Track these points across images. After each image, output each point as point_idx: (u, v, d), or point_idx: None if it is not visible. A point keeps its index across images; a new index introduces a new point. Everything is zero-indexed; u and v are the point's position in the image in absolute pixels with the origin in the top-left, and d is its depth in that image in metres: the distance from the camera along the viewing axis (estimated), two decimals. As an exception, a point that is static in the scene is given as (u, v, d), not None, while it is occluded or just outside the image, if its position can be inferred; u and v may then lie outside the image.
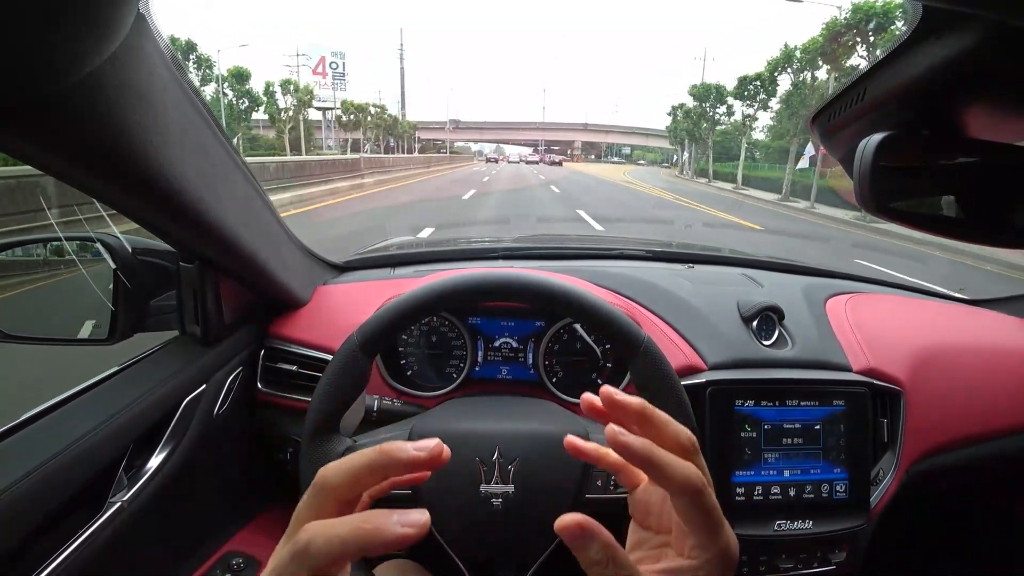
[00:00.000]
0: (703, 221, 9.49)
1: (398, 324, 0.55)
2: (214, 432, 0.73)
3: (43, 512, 0.51)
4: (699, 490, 0.28)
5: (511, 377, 0.87)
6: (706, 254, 1.22)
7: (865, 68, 0.39)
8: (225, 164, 0.60)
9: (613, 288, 0.91)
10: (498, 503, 0.53)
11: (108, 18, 0.33)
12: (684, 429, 0.30)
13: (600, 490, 0.54)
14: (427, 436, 0.56)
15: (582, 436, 0.56)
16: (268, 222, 0.74)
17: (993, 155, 0.41)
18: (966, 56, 0.31)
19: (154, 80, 0.44)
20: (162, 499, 0.64)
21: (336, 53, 37.96)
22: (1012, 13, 0.25)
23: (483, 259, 1.12)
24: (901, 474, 0.81)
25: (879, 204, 0.41)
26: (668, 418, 0.31)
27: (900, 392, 0.82)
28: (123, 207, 0.52)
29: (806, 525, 0.75)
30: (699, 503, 0.28)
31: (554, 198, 13.17)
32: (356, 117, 36.13)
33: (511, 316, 0.87)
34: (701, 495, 0.28)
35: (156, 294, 0.74)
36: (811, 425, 0.77)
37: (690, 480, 0.28)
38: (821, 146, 0.49)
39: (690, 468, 0.28)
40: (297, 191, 11.27)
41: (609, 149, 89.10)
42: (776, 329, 0.86)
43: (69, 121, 0.38)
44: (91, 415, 0.59)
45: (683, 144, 33.66)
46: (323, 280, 0.97)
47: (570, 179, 24.27)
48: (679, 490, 0.28)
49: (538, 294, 0.55)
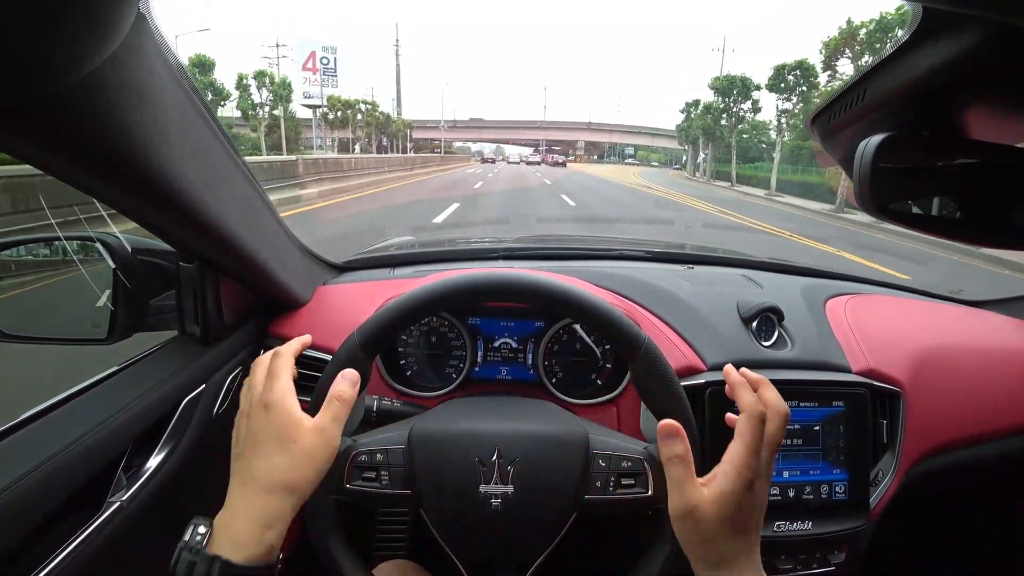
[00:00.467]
0: (786, 247, 7.39)
1: (398, 324, 0.55)
2: (214, 432, 0.73)
3: (42, 512, 0.51)
4: (757, 415, 0.46)
5: (511, 377, 0.87)
6: (706, 255, 1.22)
7: (865, 69, 0.39)
8: (225, 164, 0.60)
9: (613, 289, 0.91)
10: (497, 503, 0.53)
11: (108, 18, 0.33)
12: (775, 399, 0.48)
13: (599, 491, 0.54)
14: (426, 436, 0.57)
15: (581, 436, 0.56)
16: (268, 222, 0.74)
17: (993, 156, 0.41)
18: (966, 57, 0.31)
19: (154, 80, 0.44)
20: (161, 499, 0.64)
21: (327, 48, 36.41)
22: (1012, 13, 0.25)
23: (483, 259, 1.12)
24: (901, 475, 0.81)
25: (879, 205, 0.41)
26: (768, 386, 0.50)
27: (900, 393, 0.82)
28: (123, 207, 0.52)
29: (805, 526, 0.75)
30: (753, 425, 0.45)
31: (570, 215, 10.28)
32: (344, 114, 34.38)
33: (511, 316, 0.87)
34: (756, 420, 0.45)
35: (156, 294, 0.74)
36: (811, 426, 0.77)
37: (754, 407, 0.47)
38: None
39: (757, 402, 0.47)
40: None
41: (612, 149, 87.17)
42: (776, 330, 0.86)
43: (69, 121, 0.38)
44: (90, 415, 0.59)
45: (696, 144, 31.23)
46: (323, 280, 0.97)
47: (580, 183, 21.27)
48: (746, 408, 0.47)
49: (539, 295, 0.55)
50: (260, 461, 0.42)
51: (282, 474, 0.42)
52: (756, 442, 0.44)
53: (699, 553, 0.44)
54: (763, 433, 0.45)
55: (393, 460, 0.54)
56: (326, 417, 0.44)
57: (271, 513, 0.41)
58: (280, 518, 0.41)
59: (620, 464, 0.54)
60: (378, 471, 0.53)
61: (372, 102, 39.30)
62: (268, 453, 0.42)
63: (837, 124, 0.45)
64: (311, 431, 0.43)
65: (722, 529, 0.43)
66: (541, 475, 0.54)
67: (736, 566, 0.43)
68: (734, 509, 0.43)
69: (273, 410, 0.43)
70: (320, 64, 36.25)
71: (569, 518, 0.55)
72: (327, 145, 36.51)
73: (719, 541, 0.43)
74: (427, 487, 0.53)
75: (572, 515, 0.55)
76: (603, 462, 0.55)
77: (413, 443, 0.54)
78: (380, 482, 0.53)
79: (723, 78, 24.28)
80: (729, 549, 0.43)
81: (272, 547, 0.40)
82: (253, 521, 0.40)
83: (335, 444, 0.45)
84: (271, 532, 0.40)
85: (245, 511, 0.41)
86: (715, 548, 0.43)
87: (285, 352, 0.48)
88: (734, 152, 24.33)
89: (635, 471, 0.53)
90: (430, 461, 0.54)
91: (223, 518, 0.41)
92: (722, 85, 23.97)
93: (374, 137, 39.23)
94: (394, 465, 0.53)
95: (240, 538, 0.39)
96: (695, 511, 0.43)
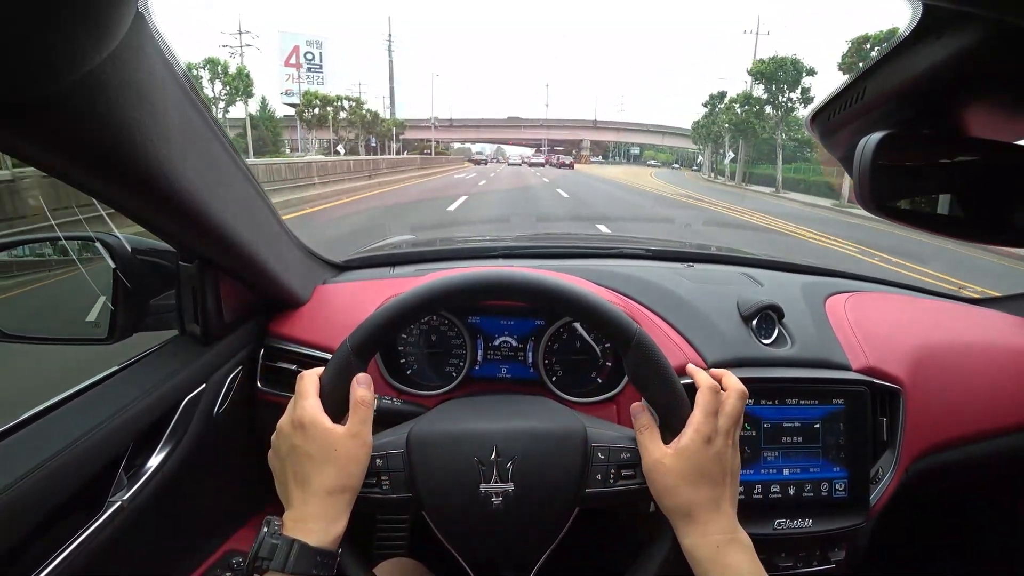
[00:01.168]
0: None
1: (389, 331, 0.55)
2: (214, 431, 0.73)
3: (43, 512, 0.51)
4: (709, 387, 0.53)
5: (511, 376, 0.87)
6: (706, 253, 1.22)
7: (865, 67, 0.39)
8: (225, 163, 0.60)
9: (612, 287, 0.91)
10: (498, 502, 0.53)
11: (108, 17, 0.33)
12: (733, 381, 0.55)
13: (600, 484, 0.54)
14: (426, 436, 0.57)
15: (579, 430, 0.56)
16: (268, 221, 0.74)
17: (993, 154, 0.41)
18: (966, 55, 0.31)
19: (154, 79, 0.44)
20: (162, 499, 0.64)
21: (312, 42, 33.88)
22: (1012, 12, 0.25)
23: (483, 258, 1.12)
24: (901, 473, 0.81)
25: (878, 203, 0.41)
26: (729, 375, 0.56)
27: (900, 391, 0.82)
28: (123, 206, 0.52)
29: (806, 524, 0.76)
30: (707, 395, 0.52)
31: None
32: (323, 112, 30.80)
33: (511, 315, 0.87)
34: (710, 390, 0.52)
35: (156, 293, 0.74)
36: (811, 424, 0.77)
37: (707, 381, 0.53)
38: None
39: (709, 378, 0.54)
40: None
41: (616, 148, 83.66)
42: (776, 328, 0.86)
43: (69, 120, 0.38)
44: (91, 415, 0.59)
45: (717, 142, 26.88)
46: (323, 279, 0.97)
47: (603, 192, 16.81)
48: (701, 383, 0.53)
49: (530, 291, 0.55)
50: (312, 472, 0.49)
51: (334, 480, 0.49)
52: (710, 405, 0.51)
53: (668, 503, 0.51)
54: (718, 403, 0.52)
55: (393, 465, 0.53)
56: (355, 422, 0.51)
57: (334, 510, 0.49)
58: (342, 512, 0.49)
59: (619, 456, 0.54)
60: (379, 476, 0.53)
61: (356, 99, 34.99)
62: (317, 464, 0.49)
63: (837, 122, 0.45)
64: (346, 438, 0.50)
65: (684, 479, 0.49)
66: (541, 471, 0.54)
67: (703, 516, 0.49)
68: (694, 460, 0.50)
69: (308, 429, 0.49)
70: (304, 59, 33.58)
71: (571, 513, 0.55)
72: (312, 147, 33.44)
73: (683, 490, 0.49)
74: (427, 489, 0.53)
75: (574, 510, 0.55)
76: (602, 455, 0.55)
77: (411, 446, 0.54)
78: (381, 487, 0.53)
79: (770, 60, 18.81)
80: (695, 497, 0.49)
81: (338, 537, 0.49)
82: (321, 520, 0.48)
83: (369, 443, 0.52)
84: (337, 524, 0.49)
85: (313, 513, 0.48)
86: (681, 497, 0.49)
87: (309, 374, 0.53)
88: (780, 151, 19.92)
89: (634, 462, 0.54)
90: (429, 463, 0.54)
91: (292, 517, 0.48)
92: (767, 70, 18.75)
93: (362, 138, 36.20)
94: (394, 470, 0.53)
95: (311, 533, 0.47)
96: (659, 464, 0.50)
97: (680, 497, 0.49)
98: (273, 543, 0.46)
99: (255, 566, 0.45)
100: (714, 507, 0.49)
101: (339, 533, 0.49)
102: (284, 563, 0.45)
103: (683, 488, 0.49)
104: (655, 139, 74.37)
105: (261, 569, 0.45)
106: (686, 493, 0.49)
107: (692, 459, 0.49)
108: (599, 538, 0.86)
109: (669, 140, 70.78)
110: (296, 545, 0.46)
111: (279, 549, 0.45)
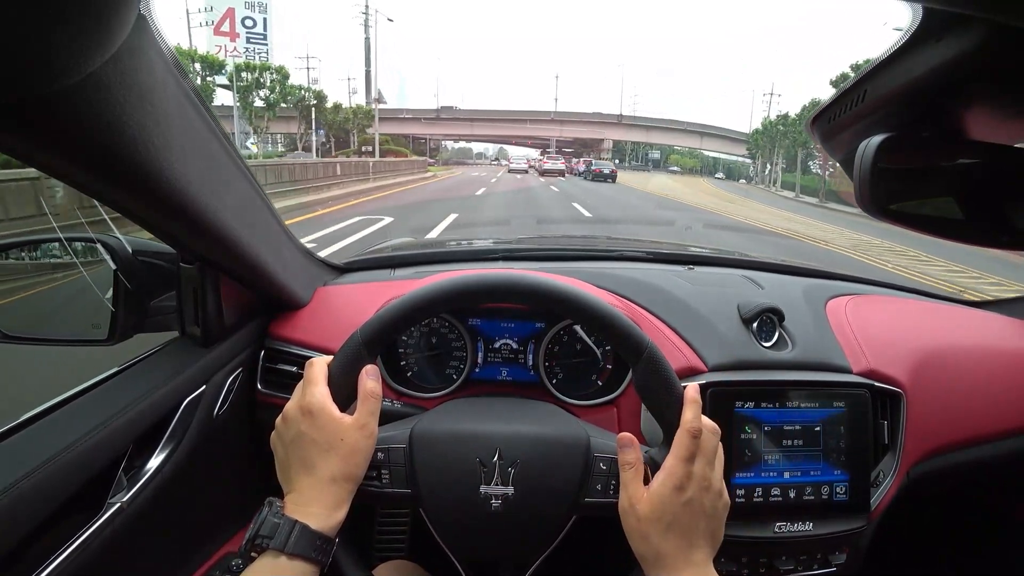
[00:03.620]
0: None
1: (400, 324, 0.55)
2: (214, 433, 0.73)
3: (43, 513, 0.51)
4: (689, 430, 0.49)
5: (511, 378, 0.87)
6: (706, 255, 1.22)
7: (865, 69, 0.39)
8: (226, 165, 0.60)
9: (613, 289, 0.91)
10: (498, 504, 0.53)
11: (109, 18, 0.33)
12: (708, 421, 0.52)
13: (599, 494, 0.54)
14: (427, 437, 0.57)
15: (583, 439, 0.56)
16: (268, 223, 0.74)
17: (993, 156, 0.41)
18: (966, 58, 0.31)
19: (155, 80, 0.44)
20: (161, 500, 0.64)
21: (252, 4, 25.12)
22: (1012, 14, 0.25)
23: (483, 260, 1.12)
24: (901, 476, 0.81)
25: (879, 206, 0.41)
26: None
27: (900, 394, 0.82)
28: (124, 208, 0.52)
29: (806, 527, 0.75)
30: (684, 439, 0.49)
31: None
32: (247, 86, 21.76)
33: (511, 317, 0.87)
34: (688, 434, 0.49)
35: (156, 295, 0.74)
36: (811, 427, 0.77)
37: (690, 423, 0.50)
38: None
39: (696, 419, 0.50)
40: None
41: (634, 153, 72.25)
42: (776, 330, 0.86)
43: (70, 121, 0.38)
44: (91, 416, 0.59)
45: (786, 153, 23.03)
46: (323, 281, 0.97)
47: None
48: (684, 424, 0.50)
49: (542, 296, 0.55)
50: (318, 459, 0.49)
51: (339, 469, 0.49)
52: (686, 450, 0.49)
53: (639, 548, 0.49)
54: (695, 448, 0.49)
55: (394, 459, 0.54)
56: (364, 413, 0.51)
57: (336, 498, 0.49)
58: (344, 500, 0.50)
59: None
60: (379, 470, 0.53)
61: (279, 68, 24.48)
62: (323, 452, 0.49)
63: (837, 125, 0.45)
64: (354, 428, 0.50)
65: (654, 527, 0.48)
66: (542, 477, 0.54)
67: (674, 566, 0.48)
68: (665, 509, 0.48)
69: (316, 416, 0.49)
70: (242, 27, 24.87)
71: (569, 520, 0.55)
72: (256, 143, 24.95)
73: (653, 537, 0.48)
74: (427, 487, 0.53)
75: (572, 517, 0.55)
76: (603, 465, 0.55)
77: (414, 442, 0.54)
78: (381, 481, 0.53)
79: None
80: (664, 547, 0.48)
81: (338, 524, 0.49)
82: (323, 505, 0.48)
83: (375, 435, 0.52)
84: (338, 512, 0.49)
85: (315, 498, 0.48)
86: (651, 545, 0.48)
87: (319, 361, 0.53)
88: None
89: None
90: (431, 461, 0.54)
91: (294, 500, 0.49)
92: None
93: (306, 130, 27.63)
94: (395, 464, 0.53)
95: (313, 517, 0.47)
96: (633, 508, 0.49)
97: (649, 544, 0.48)
98: (275, 522, 0.46)
99: (255, 544, 0.46)
100: (683, 557, 0.48)
101: (339, 521, 0.49)
102: (284, 543, 0.45)
103: (652, 536, 0.48)
104: (692, 141, 61.95)
105: (261, 547, 0.46)
106: (655, 541, 0.48)
107: (662, 507, 0.48)
108: (597, 543, 0.86)
109: (708, 143, 59.50)
110: (298, 526, 0.46)
111: (280, 528, 0.46)
